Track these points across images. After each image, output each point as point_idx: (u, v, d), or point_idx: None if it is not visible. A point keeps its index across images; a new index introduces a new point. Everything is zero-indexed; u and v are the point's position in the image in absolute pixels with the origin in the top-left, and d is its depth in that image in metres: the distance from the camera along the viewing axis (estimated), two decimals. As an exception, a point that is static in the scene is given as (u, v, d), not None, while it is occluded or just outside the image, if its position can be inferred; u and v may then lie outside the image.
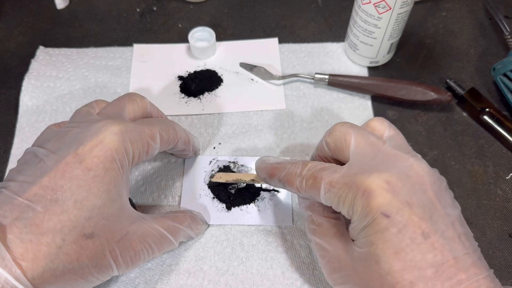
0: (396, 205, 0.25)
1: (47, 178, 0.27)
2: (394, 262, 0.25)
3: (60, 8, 0.55)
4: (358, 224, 0.27)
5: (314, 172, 0.30)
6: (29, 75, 0.48)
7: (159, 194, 0.41)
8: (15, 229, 0.26)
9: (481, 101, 0.45)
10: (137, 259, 0.31)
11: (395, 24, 0.43)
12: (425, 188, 0.27)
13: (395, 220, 0.25)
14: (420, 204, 0.26)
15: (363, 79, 0.46)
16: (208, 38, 0.50)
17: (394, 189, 0.26)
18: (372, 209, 0.26)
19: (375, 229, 0.26)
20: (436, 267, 0.25)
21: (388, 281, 0.25)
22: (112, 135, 0.29)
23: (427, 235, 0.25)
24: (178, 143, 0.36)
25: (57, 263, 0.26)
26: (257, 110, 0.46)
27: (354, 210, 0.27)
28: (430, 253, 0.25)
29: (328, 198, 0.29)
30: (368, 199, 0.26)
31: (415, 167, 0.27)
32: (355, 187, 0.27)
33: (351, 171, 0.28)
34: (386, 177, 0.26)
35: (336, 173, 0.28)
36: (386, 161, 0.28)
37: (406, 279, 0.25)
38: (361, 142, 0.30)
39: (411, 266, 0.25)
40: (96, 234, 0.28)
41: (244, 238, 0.38)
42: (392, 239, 0.25)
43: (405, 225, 0.25)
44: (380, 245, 0.25)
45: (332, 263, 0.30)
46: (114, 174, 0.29)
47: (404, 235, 0.25)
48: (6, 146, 0.44)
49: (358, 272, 0.27)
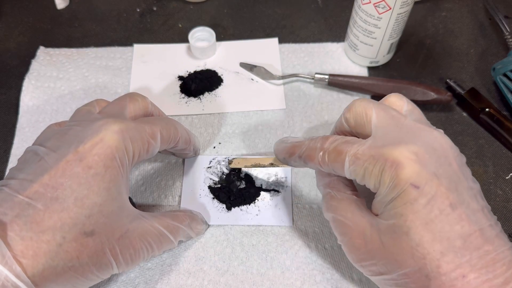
0: (425, 176, 0.25)
1: (47, 176, 0.27)
2: (424, 233, 0.25)
3: (60, 8, 0.55)
4: (385, 197, 0.27)
5: (337, 146, 0.29)
6: (30, 75, 0.48)
7: (159, 193, 0.41)
8: (16, 226, 0.26)
9: (481, 101, 0.45)
10: (137, 257, 0.31)
11: (395, 24, 0.44)
12: (450, 161, 0.27)
13: (424, 191, 0.25)
14: (446, 175, 0.26)
15: (363, 79, 0.46)
16: (208, 38, 0.50)
17: (422, 160, 0.26)
18: (401, 180, 0.26)
19: (404, 200, 0.26)
20: (464, 238, 0.25)
21: (418, 252, 0.25)
22: (113, 133, 0.29)
23: (454, 206, 0.25)
24: (179, 142, 0.36)
25: (58, 260, 0.26)
26: (257, 110, 0.46)
27: (381, 182, 0.27)
28: (457, 224, 0.25)
29: (353, 170, 0.28)
30: (397, 170, 0.26)
31: (440, 139, 0.28)
32: (383, 158, 0.26)
33: (377, 143, 0.28)
34: (414, 148, 0.26)
35: (361, 146, 0.28)
36: (411, 133, 0.28)
37: (437, 249, 0.25)
38: (382, 116, 0.29)
39: (441, 237, 0.25)
40: (96, 232, 0.28)
41: (244, 238, 0.38)
42: (421, 210, 0.25)
43: (434, 196, 0.25)
44: (410, 216, 0.26)
45: (356, 238, 0.29)
46: (114, 172, 0.29)
47: (433, 206, 0.25)
48: (6, 146, 0.44)
49: (385, 245, 0.27)
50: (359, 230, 0.29)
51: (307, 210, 0.40)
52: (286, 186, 0.41)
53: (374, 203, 0.29)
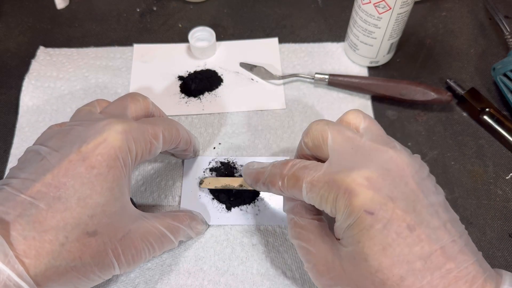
0: (378, 201, 0.25)
1: (50, 176, 0.27)
2: (382, 258, 0.25)
3: (60, 8, 0.55)
4: (342, 223, 0.27)
5: (295, 171, 0.29)
6: (30, 75, 0.48)
7: (159, 194, 0.41)
8: (18, 226, 0.26)
9: (481, 101, 0.45)
10: (138, 257, 0.31)
11: (395, 24, 0.44)
12: (407, 180, 0.26)
13: (379, 216, 0.25)
14: (402, 197, 0.26)
15: (363, 79, 0.46)
16: (208, 38, 0.50)
17: (375, 186, 0.26)
18: (355, 208, 0.26)
19: (360, 227, 0.26)
20: (424, 259, 0.25)
21: (378, 278, 0.25)
22: (116, 133, 0.29)
23: (412, 227, 0.25)
24: (180, 142, 0.36)
25: (60, 260, 0.26)
26: (257, 110, 0.46)
27: (337, 209, 0.27)
28: (417, 245, 0.25)
29: (310, 197, 0.28)
30: (350, 198, 0.26)
31: (395, 159, 0.27)
32: (336, 186, 0.26)
33: (332, 169, 0.28)
34: (366, 173, 0.26)
35: (317, 172, 0.28)
36: (365, 156, 0.28)
37: (396, 274, 0.25)
38: (337, 138, 0.29)
39: (400, 261, 0.25)
40: (99, 232, 0.28)
41: (244, 238, 0.38)
42: (378, 235, 0.25)
43: (390, 220, 0.25)
44: (366, 242, 0.25)
45: (319, 265, 0.29)
46: (117, 172, 0.29)
47: (389, 230, 0.25)
48: (6, 146, 0.44)
49: (347, 272, 0.27)
50: (321, 257, 0.29)
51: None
52: None
53: (334, 227, 0.29)
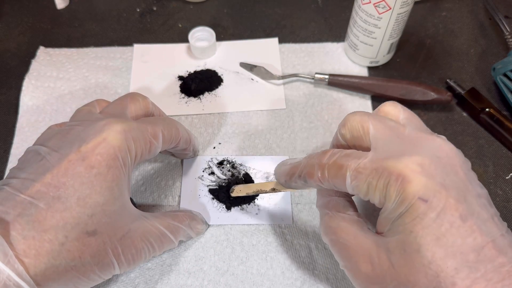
0: (432, 188, 0.24)
1: (49, 175, 0.27)
2: (436, 249, 0.24)
3: (60, 8, 0.55)
4: (391, 213, 0.25)
5: (337, 160, 0.28)
6: (30, 75, 0.48)
7: (159, 194, 0.41)
8: (18, 225, 0.26)
9: (481, 101, 0.45)
10: (138, 257, 0.31)
11: (395, 24, 0.44)
12: (456, 169, 0.26)
13: (433, 205, 0.24)
14: (454, 185, 0.25)
15: (363, 79, 0.46)
16: (208, 38, 0.50)
17: (428, 172, 0.25)
18: (408, 195, 0.24)
19: (413, 215, 0.24)
20: (477, 251, 0.24)
21: (432, 270, 0.24)
22: (115, 133, 0.29)
23: (465, 218, 0.24)
24: (180, 142, 0.36)
25: (60, 260, 0.26)
26: (257, 110, 0.46)
27: (387, 197, 0.25)
28: (469, 236, 0.24)
29: (355, 186, 0.27)
30: (403, 184, 0.24)
31: (444, 147, 0.26)
32: (387, 172, 0.25)
33: (379, 156, 0.26)
34: (418, 159, 0.25)
35: (362, 159, 0.26)
36: (413, 143, 0.27)
37: (450, 266, 0.24)
38: (380, 127, 0.28)
39: (454, 252, 0.24)
40: (98, 231, 0.28)
41: (244, 238, 0.38)
42: (431, 224, 0.24)
43: (443, 209, 0.24)
44: (420, 232, 0.24)
45: (362, 262, 0.27)
46: (117, 172, 0.29)
47: (443, 219, 0.24)
48: (6, 146, 0.44)
49: (396, 266, 0.25)
50: (364, 253, 0.27)
51: (307, 210, 0.40)
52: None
53: (379, 220, 0.27)
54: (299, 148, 0.44)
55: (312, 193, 0.41)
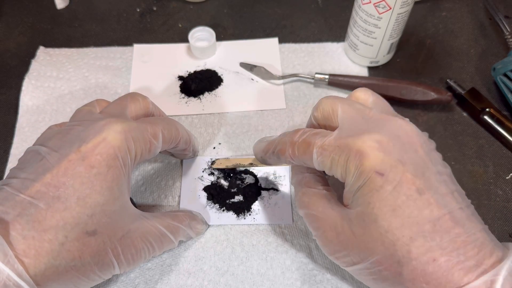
0: (389, 163, 0.26)
1: (49, 175, 0.27)
2: (392, 219, 0.25)
3: (60, 8, 0.55)
4: (352, 186, 0.27)
5: (305, 138, 0.30)
6: (30, 75, 0.48)
7: (159, 194, 0.41)
8: (18, 225, 0.26)
9: (481, 101, 0.45)
10: (138, 257, 0.31)
11: (395, 24, 0.44)
12: (416, 148, 0.27)
13: (389, 178, 0.26)
14: (412, 162, 0.26)
15: (363, 79, 0.46)
16: (208, 38, 0.50)
17: (385, 148, 0.26)
18: (365, 169, 0.26)
19: (370, 188, 0.26)
20: (433, 222, 0.25)
21: (388, 239, 0.26)
22: (115, 133, 0.29)
23: (421, 191, 0.25)
24: (180, 142, 0.36)
25: (59, 260, 0.26)
26: (257, 110, 0.46)
27: (347, 172, 0.27)
28: (426, 208, 0.25)
29: (321, 161, 0.29)
30: (361, 159, 0.26)
31: (404, 127, 0.28)
32: (347, 149, 0.27)
33: (342, 134, 0.28)
34: (377, 137, 0.27)
35: (327, 137, 0.29)
36: (375, 123, 0.28)
37: (406, 235, 0.25)
38: (348, 109, 0.30)
39: (410, 222, 0.25)
40: (98, 231, 0.28)
41: (244, 238, 0.38)
42: (388, 196, 0.26)
43: (400, 182, 0.26)
44: (376, 203, 0.26)
45: (328, 231, 0.29)
46: (116, 172, 0.29)
47: (399, 192, 0.25)
48: (6, 146, 0.44)
49: (356, 234, 0.27)
50: (330, 223, 0.29)
51: (307, 210, 0.40)
52: (285, 184, 0.41)
53: (344, 193, 0.29)
54: (299, 148, 0.43)
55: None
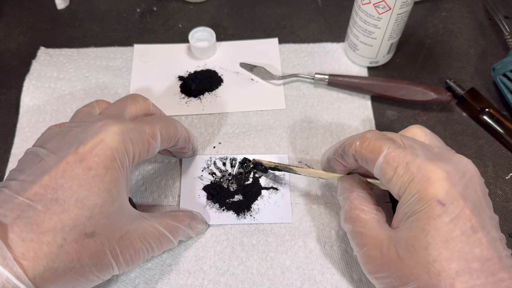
0: (452, 195, 0.26)
1: (47, 177, 0.27)
2: (443, 250, 0.26)
3: (60, 8, 0.55)
4: (408, 208, 0.28)
5: (379, 139, 0.30)
6: (30, 75, 0.48)
7: (159, 193, 0.41)
8: (16, 228, 0.26)
9: (481, 101, 0.45)
10: (137, 257, 0.31)
11: (395, 24, 0.44)
12: (476, 187, 0.28)
13: (449, 210, 0.26)
14: (471, 199, 0.27)
15: (363, 79, 0.46)
16: (208, 38, 0.50)
17: (452, 180, 0.27)
18: (428, 195, 0.26)
19: (428, 215, 0.26)
20: (482, 262, 0.25)
21: (434, 268, 0.26)
22: (113, 134, 0.29)
23: (476, 229, 0.26)
24: (179, 140, 0.36)
25: (58, 262, 0.27)
26: (257, 110, 0.46)
27: (407, 192, 0.28)
28: (477, 247, 0.26)
29: (383, 168, 0.29)
30: (426, 185, 0.27)
31: (468, 165, 0.29)
32: (416, 170, 0.27)
33: (415, 153, 0.28)
34: (446, 168, 0.27)
35: (401, 149, 0.29)
36: (443, 156, 0.29)
37: (453, 268, 0.26)
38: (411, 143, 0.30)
39: (459, 257, 0.26)
40: (97, 233, 0.28)
41: (244, 238, 0.38)
42: (443, 227, 0.26)
43: (458, 216, 0.26)
44: (431, 231, 0.26)
45: (373, 250, 0.30)
46: (114, 173, 0.29)
47: (455, 225, 0.26)
48: (7, 146, 0.44)
49: (402, 258, 0.28)
50: (376, 242, 0.30)
51: (307, 210, 0.40)
52: (284, 183, 0.41)
53: (396, 215, 0.29)
54: (299, 148, 0.44)
55: (311, 193, 0.41)
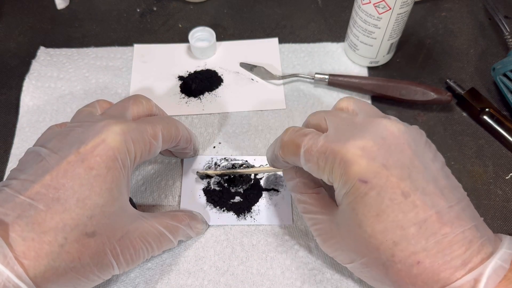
0: (372, 169, 0.26)
1: (49, 177, 0.27)
2: (375, 224, 0.26)
3: (60, 8, 0.55)
4: (339, 191, 0.28)
5: (294, 138, 0.30)
6: (30, 75, 0.48)
7: (159, 193, 0.41)
8: (17, 227, 0.26)
9: (481, 101, 0.45)
10: (137, 257, 0.31)
11: (395, 24, 0.44)
12: (402, 148, 0.27)
13: (373, 184, 0.26)
14: (397, 164, 0.26)
15: (363, 79, 0.46)
16: (208, 38, 0.50)
17: (369, 154, 0.26)
18: (349, 177, 0.26)
19: (354, 195, 0.27)
20: (419, 224, 0.25)
21: (372, 243, 0.26)
22: (114, 134, 0.29)
23: (407, 194, 0.26)
24: (180, 141, 0.36)
25: (59, 261, 0.27)
26: (257, 110, 0.46)
27: (333, 178, 0.28)
28: (411, 211, 0.25)
29: (308, 167, 0.30)
30: (345, 167, 0.27)
31: (389, 127, 0.28)
32: (332, 156, 0.27)
33: (328, 139, 0.28)
34: (361, 143, 0.27)
35: (314, 141, 0.29)
36: (360, 128, 0.28)
37: (389, 239, 0.26)
38: (333, 119, 0.30)
39: (393, 226, 0.25)
40: (97, 232, 0.28)
41: (244, 238, 0.38)
42: (371, 202, 0.26)
43: (383, 187, 0.26)
44: (360, 209, 0.26)
45: (323, 234, 0.31)
46: (116, 173, 0.29)
47: (383, 197, 0.26)
48: (7, 146, 0.44)
49: (344, 238, 0.29)
50: (325, 226, 0.31)
51: (307, 210, 0.40)
52: (285, 185, 0.41)
53: (335, 195, 0.30)
54: (299, 148, 0.44)
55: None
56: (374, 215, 0.26)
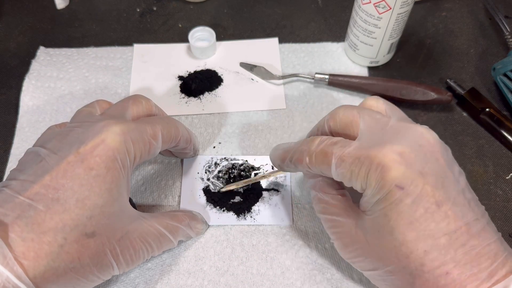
0: (409, 176, 0.26)
1: (48, 177, 0.27)
2: (408, 232, 0.26)
3: (60, 8, 0.55)
4: (371, 198, 0.27)
5: (324, 147, 0.29)
6: (30, 75, 0.48)
7: (159, 194, 0.41)
8: (17, 227, 0.26)
9: (481, 101, 0.45)
10: (137, 257, 0.31)
11: (395, 24, 0.44)
12: (437, 156, 0.27)
13: (409, 191, 0.26)
14: (432, 172, 0.26)
15: (363, 79, 0.46)
16: (208, 38, 0.50)
17: (407, 161, 0.26)
18: (386, 182, 0.26)
19: (389, 201, 0.26)
20: (449, 235, 0.25)
21: (402, 252, 0.26)
22: (114, 134, 0.29)
23: (440, 203, 0.26)
24: (180, 141, 0.36)
25: (59, 262, 0.27)
26: (257, 110, 0.46)
27: (368, 184, 0.27)
28: (443, 221, 0.25)
29: (340, 173, 0.28)
30: (382, 173, 0.26)
31: (425, 135, 0.28)
32: (368, 161, 0.27)
33: (362, 145, 0.28)
34: (399, 149, 0.26)
35: (347, 147, 0.28)
36: (396, 133, 0.28)
37: (420, 248, 0.25)
38: (368, 119, 0.30)
39: (425, 236, 0.25)
40: (97, 233, 0.28)
41: (244, 238, 0.38)
42: (406, 210, 0.26)
43: (419, 196, 0.26)
44: (394, 216, 0.26)
45: (344, 238, 0.30)
46: (116, 173, 0.29)
47: (418, 205, 0.26)
48: (6, 146, 0.44)
49: (371, 244, 0.28)
50: (347, 229, 0.30)
51: (307, 210, 0.40)
52: (285, 185, 0.41)
53: (361, 202, 0.29)
54: (299, 148, 0.44)
55: (312, 193, 0.41)
56: (407, 223, 0.26)
